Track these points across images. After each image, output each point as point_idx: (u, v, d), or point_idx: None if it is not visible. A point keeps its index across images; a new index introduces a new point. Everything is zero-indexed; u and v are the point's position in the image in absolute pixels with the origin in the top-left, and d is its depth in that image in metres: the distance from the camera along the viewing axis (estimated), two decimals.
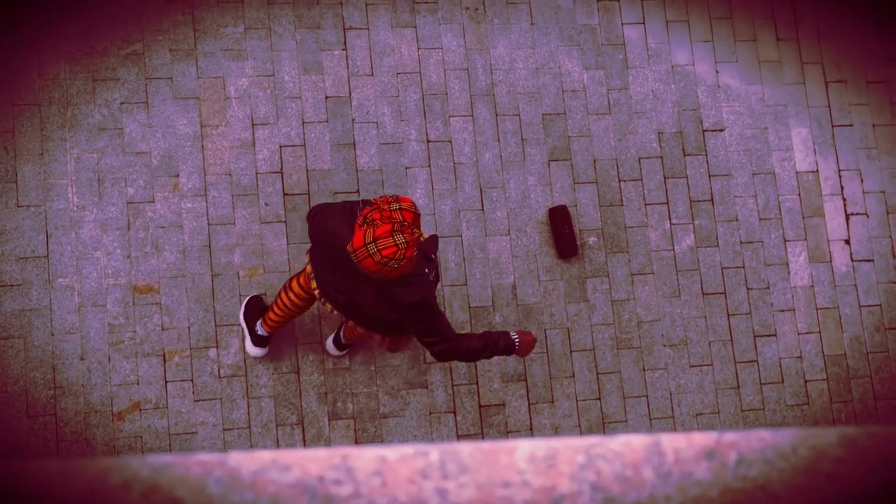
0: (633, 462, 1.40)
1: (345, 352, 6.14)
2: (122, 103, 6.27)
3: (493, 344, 4.82)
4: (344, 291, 4.79)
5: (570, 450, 1.39)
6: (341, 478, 1.29)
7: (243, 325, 6.03)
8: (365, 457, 1.31)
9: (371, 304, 4.70)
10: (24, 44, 6.24)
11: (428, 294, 4.63)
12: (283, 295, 5.55)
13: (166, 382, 6.04)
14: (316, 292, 5.01)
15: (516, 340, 4.84)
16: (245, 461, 1.28)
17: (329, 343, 6.12)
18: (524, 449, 1.38)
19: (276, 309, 5.66)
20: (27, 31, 6.26)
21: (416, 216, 4.43)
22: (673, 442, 1.41)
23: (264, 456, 1.30)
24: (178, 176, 6.24)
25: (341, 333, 6.03)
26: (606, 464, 1.39)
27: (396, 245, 4.34)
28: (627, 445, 1.41)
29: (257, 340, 6.00)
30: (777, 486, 1.41)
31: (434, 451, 1.34)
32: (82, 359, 5.99)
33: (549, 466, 1.37)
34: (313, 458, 1.31)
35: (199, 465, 1.26)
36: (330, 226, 4.72)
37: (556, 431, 6.36)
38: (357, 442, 6.18)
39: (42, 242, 6.06)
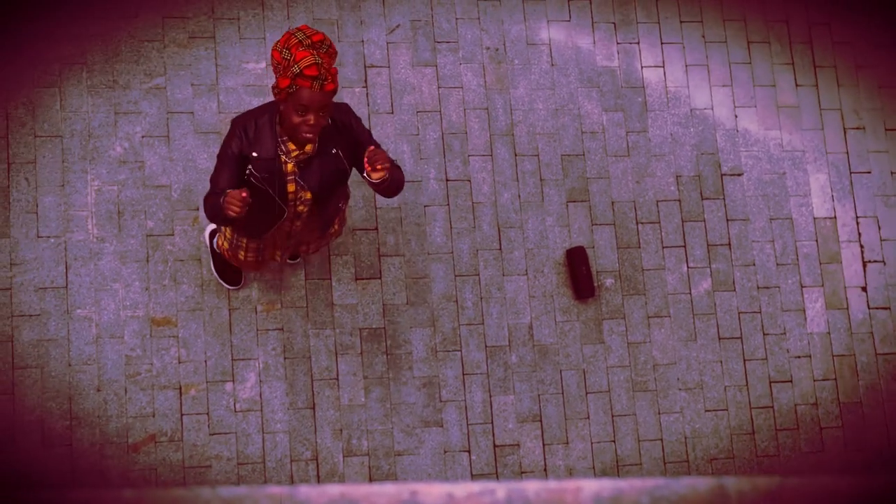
0: None
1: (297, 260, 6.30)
2: (143, 136, 6.30)
3: (214, 210, 4.68)
4: None
5: (635, 490, 1.39)
6: None
7: None
8: (433, 493, 1.31)
9: None
10: (48, 76, 6.27)
11: (241, 138, 4.65)
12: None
13: (182, 415, 6.04)
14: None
15: (223, 202, 4.55)
16: (314, 495, 1.29)
17: None
18: (590, 489, 1.38)
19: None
20: (51, 64, 6.30)
21: (318, 42, 4.49)
22: (737, 485, 1.41)
23: (333, 490, 1.31)
24: (197, 210, 6.26)
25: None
26: None
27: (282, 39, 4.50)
28: (692, 488, 1.40)
29: None
30: None
31: (501, 489, 1.34)
32: (99, 390, 5.99)
33: None
34: (381, 493, 1.31)
35: (269, 499, 1.26)
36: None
37: (571, 473, 6.34)
38: (371, 479, 6.16)
39: (61, 273, 6.07)
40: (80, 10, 6.39)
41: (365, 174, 4.69)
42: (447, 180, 6.55)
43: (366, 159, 4.56)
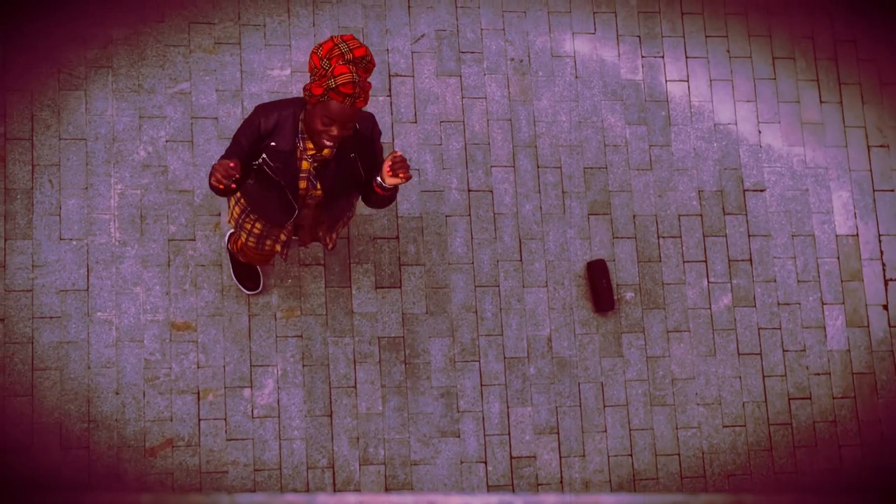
0: None
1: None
2: (167, 141, 6.32)
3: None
4: None
5: None
6: None
7: None
8: None
9: None
10: (74, 80, 6.30)
11: (258, 125, 4.70)
12: None
13: (199, 420, 6.05)
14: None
15: (211, 169, 4.65)
16: (332, 503, 1.28)
17: None
18: (608, 503, 1.37)
19: None
20: (77, 68, 6.32)
21: (359, 58, 4.46)
22: (755, 502, 1.40)
23: (351, 499, 1.31)
24: (219, 215, 6.27)
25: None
26: None
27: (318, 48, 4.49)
28: None
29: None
30: None
31: (518, 502, 1.34)
32: (117, 393, 6.00)
33: None
34: (399, 503, 1.31)
35: None
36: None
37: (587, 486, 6.33)
38: (387, 488, 6.16)
39: (83, 276, 6.09)
40: (106, 14, 6.41)
41: (379, 178, 4.72)
42: (469, 191, 6.55)
43: (389, 162, 4.59)
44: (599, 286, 6.46)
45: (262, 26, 6.55)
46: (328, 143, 4.54)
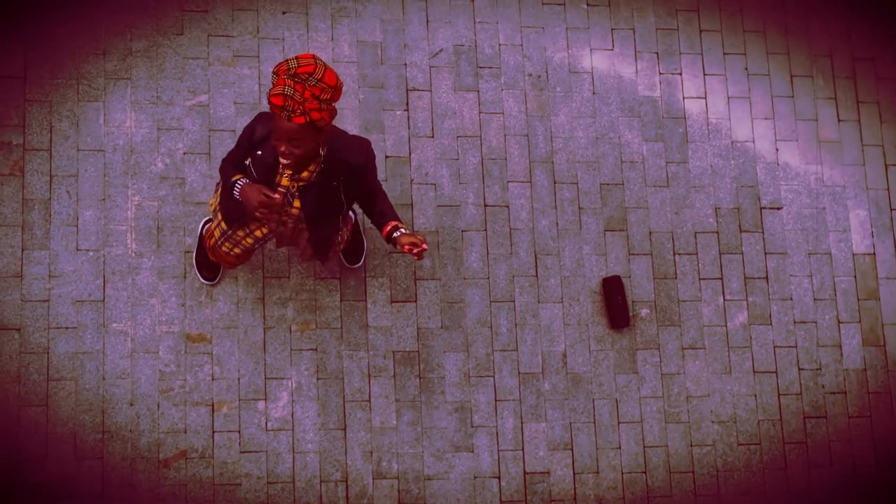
0: None
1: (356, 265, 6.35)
2: (184, 153, 6.33)
3: (227, 183, 4.89)
4: None
5: None
6: None
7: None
8: None
9: None
10: (93, 91, 6.33)
11: (253, 131, 4.78)
12: None
13: (213, 432, 6.05)
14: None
15: (238, 189, 4.77)
16: None
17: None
18: None
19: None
20: (96, 79, 6.35)
21: (302, 74, 4.45)
22: None
23: None
24: None
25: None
26: None
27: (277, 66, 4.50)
28: None
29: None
30: None
31: None
32: (132, 404, 6.01)
33: None
34: None
35: None
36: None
37: (601, 503, 6.31)
38: (400, 503, 6.16)
39: (99, 287, 6.11)
40: (126, 26, 6.44)
41: (396, 234, 4.83)
42: (485, 205, 6.55)
43: (410, 247, 4.71)
44: (615, 302, 6.45)
45: (281, 40, 6.57)
46: (283, 160, 4.57)
